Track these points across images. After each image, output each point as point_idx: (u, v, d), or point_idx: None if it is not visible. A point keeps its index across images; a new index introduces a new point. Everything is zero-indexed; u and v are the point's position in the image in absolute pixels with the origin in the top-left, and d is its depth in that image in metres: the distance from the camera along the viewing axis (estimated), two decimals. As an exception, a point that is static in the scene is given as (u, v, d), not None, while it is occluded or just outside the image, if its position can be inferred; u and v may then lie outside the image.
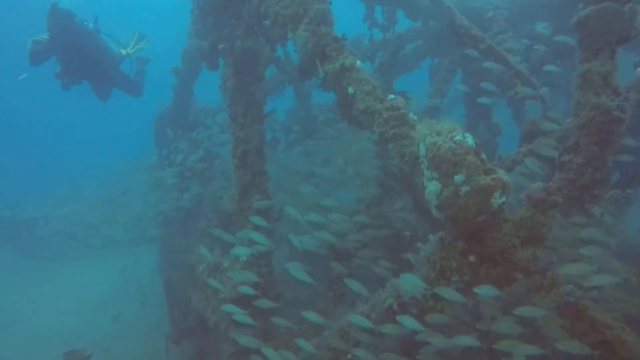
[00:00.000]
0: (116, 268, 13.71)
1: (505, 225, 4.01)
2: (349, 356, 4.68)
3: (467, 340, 3.99)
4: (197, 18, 6.62)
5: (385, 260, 5.64)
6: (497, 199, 3.72)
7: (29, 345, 10.25)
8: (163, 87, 10.93)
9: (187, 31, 8.63)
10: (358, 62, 4.65)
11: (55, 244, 16.02)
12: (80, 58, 8.07)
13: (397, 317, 4.23)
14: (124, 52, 9.02)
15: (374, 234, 6.03)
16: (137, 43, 9.41)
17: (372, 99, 4.43)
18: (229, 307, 5.27)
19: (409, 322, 4.13)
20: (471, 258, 3.98)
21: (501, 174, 3.80)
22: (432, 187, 3.88)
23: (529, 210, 3.97)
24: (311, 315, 4.86)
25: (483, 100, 7.66)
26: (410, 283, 4.19)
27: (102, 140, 30.46)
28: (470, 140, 3.77)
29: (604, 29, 3.62)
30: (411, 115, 4.37)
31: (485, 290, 3.79)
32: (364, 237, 6.10)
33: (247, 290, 5.24)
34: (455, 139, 3.75)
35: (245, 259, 5.51)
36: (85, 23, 8.20)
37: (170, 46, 12.89)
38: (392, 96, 4.42)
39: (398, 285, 4.43)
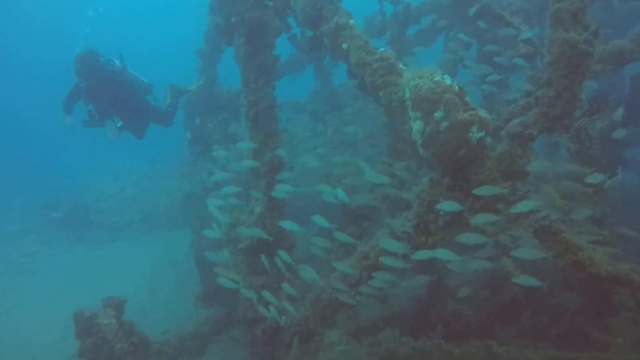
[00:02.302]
0: (156, 249, 14.54)
1: (488, 161, 4.32)
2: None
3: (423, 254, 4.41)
4: (212, -5, 7.11)
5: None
6: (474, 133, 4.02)
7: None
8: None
9: (208, 10, 9.05)
10: (351, 21, 5.02)
11: (100, 227, 17.04)
12: (110, 95, 8.55)
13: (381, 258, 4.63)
14: (167, 101, 9.66)
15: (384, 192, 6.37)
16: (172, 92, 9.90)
17: (364, 52, 4.80)
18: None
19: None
20: None
21: (479, 111, 4.09)
22: (416, 127, 4.22)
23: (508, 145, 4.26)
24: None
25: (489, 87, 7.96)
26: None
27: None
28: (448, 80, 4.08)
29: (572, -32, 3.86)
30: (400, 65, 4.71)
31: (447, 206, 4.14)
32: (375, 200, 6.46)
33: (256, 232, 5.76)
34: (435, 79, 4.08)
35: (259, 211, 5.96)
36: (112, 62, 8.65)
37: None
38: (383, 49, 4.77)
39: (392, 223, 4.80)
